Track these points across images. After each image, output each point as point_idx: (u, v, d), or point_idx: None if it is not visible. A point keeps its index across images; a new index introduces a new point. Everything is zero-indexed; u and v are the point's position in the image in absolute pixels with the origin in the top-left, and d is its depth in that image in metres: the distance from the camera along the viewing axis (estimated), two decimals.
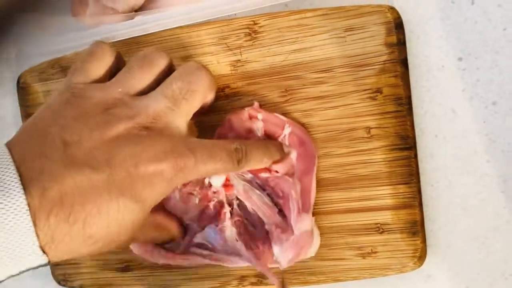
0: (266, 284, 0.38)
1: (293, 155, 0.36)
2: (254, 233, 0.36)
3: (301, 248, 0.35)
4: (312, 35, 0.35)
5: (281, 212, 0.36)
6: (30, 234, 0.26)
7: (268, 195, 0.36)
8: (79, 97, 0.30)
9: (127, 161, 0.28)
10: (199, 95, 0.32)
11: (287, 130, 0.36)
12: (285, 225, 0.35)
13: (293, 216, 0.35)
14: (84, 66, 0.32)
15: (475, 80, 0.34)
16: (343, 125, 0.35)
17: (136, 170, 0.28)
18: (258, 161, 0.34)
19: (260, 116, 0.36)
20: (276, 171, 0.35)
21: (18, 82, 0.44)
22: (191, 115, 0.32)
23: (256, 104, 0.36)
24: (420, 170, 0.35)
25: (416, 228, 0.34)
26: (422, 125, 0.35)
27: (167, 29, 0.38)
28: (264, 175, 0.36)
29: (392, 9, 0.34)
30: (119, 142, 0.29)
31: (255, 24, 0.36)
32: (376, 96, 0.34)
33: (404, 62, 0.34)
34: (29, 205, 0.26)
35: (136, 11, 0.38)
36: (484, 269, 0.35)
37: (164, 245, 0.38)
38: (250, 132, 0.36)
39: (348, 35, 0.34)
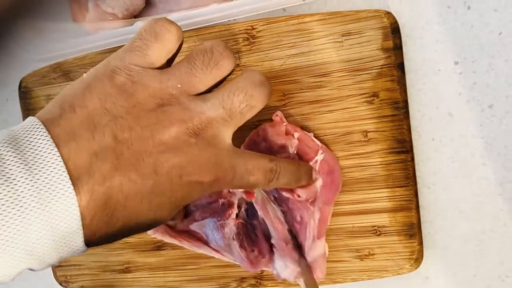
0: (265, 286, 0.39)
1: (319, 183, 0.35)
2: (254, 240, 0.37)
3: (317, 269, 0.36)
4: (310, 40, 0.36)
5: (290, 231, 0.36)
6: (79, 234, 0.26)
7: (282, 211, 0.36)
8: (134, 83, 0.28)
9: (173, 171, 0.28)
10: (255, 111, 0.30)
11: (320, 157, 0.35)
12: (292, 245, 0.36)
13: (307, 243, 0.35)
14: (143, 48, 0.29)
15: (471, 84, 0.34)
16: (340, 128, 0.36)
17: (179, 180, 0.28)
18: (287, 183, 0.33)
19: (296, 135, 0.36)
20: (298, 195, 0.35)
21: (20, 86, 0.44)
22: (237, 127, 0.30)
23: (280, 113, 0.36)
24: (417, 173, 0.35)
25: (413, 231, 0.35)
26: (419, 129, 0.36)
27: None
28: (285, 194, 0.36)
29: (388, 14, 0.34)
30: (168, 148, 0.28)
31: (254, 29, 0.37)
32: (373, 100, 0.35)
33: (400, 66, 0.34)
34: (79, 206, 0.25)
35: (135, 16, 0.38)
36: (480, 271, 0.35)
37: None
38: (282, 148, 0.36)
39: (345, 39, 0.35)
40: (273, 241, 0.36)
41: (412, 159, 0.35)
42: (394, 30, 0.34)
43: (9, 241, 0.25)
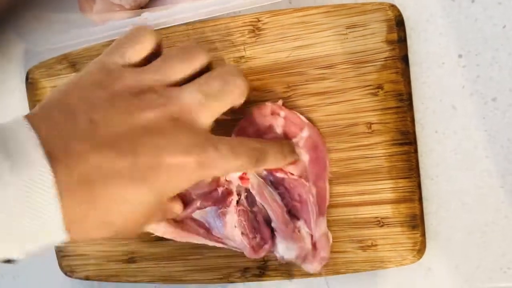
0: (269, 276, 0.39)
1: (306, 158, 0.36)
2: (256, 226, 0.37)
3: (322, 250, 0.36)
4: (315, 32, 0.36)
5: (289, 213, 0.37)
6: (56, 212, 0.25)
7: (279, 194, 0.37)
8: (112, 78, 0.29)
9: (152, 151, 0.28)
10: (231, 98, 0.32)
11: (305, 133, 0.36)
12: (293, 226, 0.36)
13: (313, 220, 0.36)
14: (122, 47, 0.31)
15: (475, 77, 0.35)
16: (344, 120, 0.36)
17: (160, 161, 0.28)
18: (274, 162, 0.34)
19: (282, 113, 0.36)
20: (291, 173, 0.36)
21: (26, 77, 0.45)
22: (217, 116, 0.31)
23: (280, 101, 0.37)
24: (420, 165, 0.36)
25: (416, 222, 0.35)
26: (422, 121, 0.36)
27: (172, 26, 0.38)
28: (280, 175, 0.36)
29: (393, 6, 0.34)
30: (146, 130, 0.28)
31: (259, 21, 0.37)
32: (377, 92, 0.35)
33: (404, 59, 0.35)
34: (55, 183, 0.25)
35: (142, 7, 0.38)
36: (483, 263, 0.36)
37: None
38: (269, 128, 0.36)
39: (350, 32, 0.35)
40: (273, 225, 0.37)
41: (416, 151, 0.35)
42: (398, 23, 0.34)
43: None
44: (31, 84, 0.44)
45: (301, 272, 0.38)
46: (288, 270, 0.39)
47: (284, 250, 0.36)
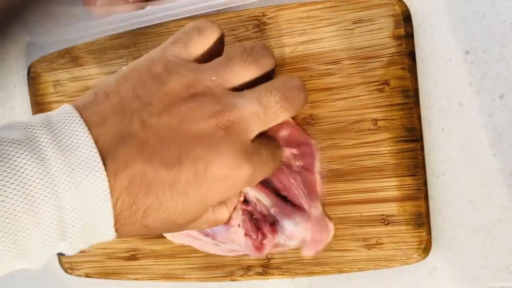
0: (272, 274, 0.39)
1: (289, 152, 0.36)
2: (256, 224, 0.36)
3: (320, 232, 0.35)
4: (321, 27, 0.35)
5: (289, 202, 0.36)
6: (109, 215, 0.26)
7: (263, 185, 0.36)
8: (170, 72, 0.28)
9: (198, 162, 0.27)
10: (287, 115, 0.31)
11: (284, 132, 0.35)
12: (291, 203, 0.36)
13: (303, 200, 0.35)
14: (186, 40, 0.30)
15: (482, 73, 0.34)
16: (350, 116, 0.36)
17: (204, 172, 0.28)
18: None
19: None
20: None
21: (28, 71, 0.44)
22: (265, 128, 0.31)
23: None
24: (426, 162, 0.35)
25: (422, 220, 0.35)
26: (429, 118, 0.35)
27: (177, 20, 0.38)
28: None
29: (400, 1, 0.34)
30: (197, 139, 0.28)
31: (264, 15, 0.37)
32: (384, 88, 0.35)
33: (411, 55, 0.34)
34: (108, 186, 0.26)
35: (146, 1, 0.38)
36: (488, 262, 0.35)
37: None
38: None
39: (356, 27, 0.35)
40: (272, 210, 0.36)
41: (422, 148, 0.35)
42: (405, 18, 0.34)
43: (42, 219, 0.25)
44: (32, 78, 0.44)
45: (304, 271, 0.38)
46: (291, 268, 0.38)
47: (292, 226, 0.35)
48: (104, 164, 0.26)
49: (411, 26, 0.34)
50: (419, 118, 0.35)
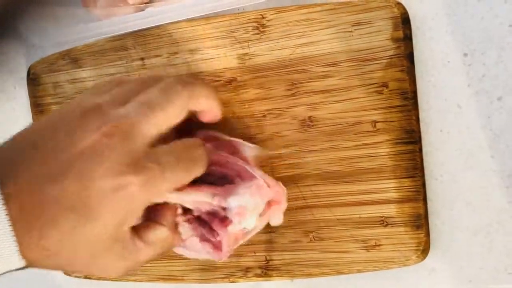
0: (271, 276, 0.39)
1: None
2: (212, 219, 0.34)
3: (274, 193, 0.35)
4: (320, 29, 0.36)
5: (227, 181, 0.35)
6: (10, 239, 0.25)
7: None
8: (73, 100, 0.31)
9: (83, 174, 0.27)
10: (175, 107, 0.30)
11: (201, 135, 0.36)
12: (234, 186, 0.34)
13: (241, 166, 0.34)
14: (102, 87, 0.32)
15: (480, 76, 0.34)
16: (349, 118, 0.36)
17: (91, 184, 0.26)
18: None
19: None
20: None
21: (28, 73, 0.44)
22: (165, 127, 0.30)
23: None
24: (425, 164, 0.35)
25: (420, 222, 0.35)
26: (427, 120, 0.36)
27: (176, 22, 0.38)
28: None
29: (399, 4, 0.34)
30: (82, 152, 0.27)
31: (263, 18, 0.37)
32: (382, 90, 0.35)
33: (410, 57, 0.34)
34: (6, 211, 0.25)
35: (146, 3, 0.38)
36: (487, 263, 0.35)
37: None
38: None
39: (355, 29, 0.35)
40: (215, 201, 0.33)
41: (420, 150, 0.35)
42: (404, 20, 0.34)
43: None
44: (32, 80, 0.44)
45: (302, 272, 0.38)
46: (290, 270, 0.38)
47: (236, 200, 0.33)
48: (5, 188, 0.26)
49: (409, 28, 0.34)
50: (417, 120, 0.35)
